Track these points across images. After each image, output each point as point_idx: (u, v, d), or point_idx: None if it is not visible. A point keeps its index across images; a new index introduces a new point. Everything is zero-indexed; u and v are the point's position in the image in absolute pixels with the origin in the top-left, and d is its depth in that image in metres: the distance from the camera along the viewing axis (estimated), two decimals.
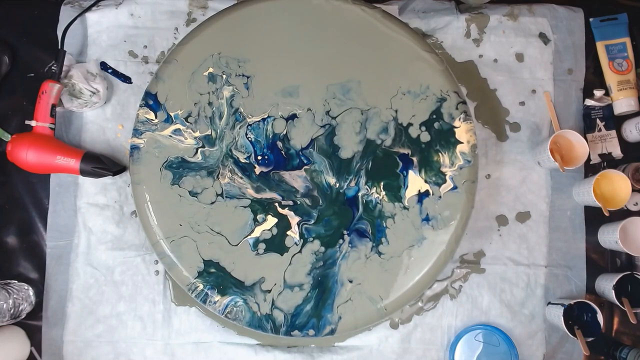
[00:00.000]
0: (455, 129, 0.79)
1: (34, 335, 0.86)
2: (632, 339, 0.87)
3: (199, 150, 0.78)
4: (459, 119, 0.79)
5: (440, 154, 0.78)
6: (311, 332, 0.76)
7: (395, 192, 0.78)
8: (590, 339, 0.80)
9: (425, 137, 0.79)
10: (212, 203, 0.77)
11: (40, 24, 0.90)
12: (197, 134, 0.78)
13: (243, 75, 0.79)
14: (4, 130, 0.85)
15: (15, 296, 0.82)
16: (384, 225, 0.77)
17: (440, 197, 0.77)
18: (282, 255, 0.77)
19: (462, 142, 0.78)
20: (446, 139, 0.78)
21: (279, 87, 0.79)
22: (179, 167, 0.78)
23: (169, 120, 0.78)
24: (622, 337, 0.87)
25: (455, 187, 0.78)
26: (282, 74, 0.79)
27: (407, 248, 0.77)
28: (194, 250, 0.77)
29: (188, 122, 0.78)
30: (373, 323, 0.78)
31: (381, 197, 0.78)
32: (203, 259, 0.76)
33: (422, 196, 0.78)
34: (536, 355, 0.86)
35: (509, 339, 0.84)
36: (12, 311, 0.81)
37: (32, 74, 0.89)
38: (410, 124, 0.79)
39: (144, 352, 0.85)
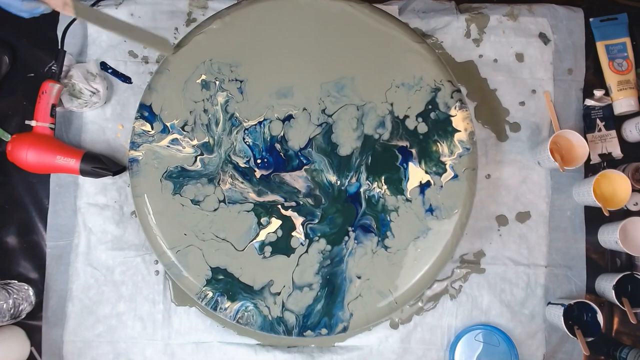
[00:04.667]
0: (452, 118, 0.78)
1: (34, 335, 0.86)
2: (632, 339, 0.87)
3: (198, 158, 0.78)
4: (455, 108, 0.79)
5: (438, 144, 0.78)
6: (324, 331, 0.76)
7: (396, 185, 0.78)
8: (590, 339, 0.80)
9: (423, 128, 0.79)
10: (215, 210, 0.77)
11: (40, 24, 0.89)
12: (195, 142, 0.78)
13: (236, 80, 0.79)
14: (4, 130, 0.85)
15: (15, 296, 0.82)
16: (388, 219, 0.77)
17: (441, 186, 0.78)
18: (288, 256, 0.77)
19: (459, 131, 0.78)
20: (443, 128, 0.78)
21: (272, 89, 0.79)
22: (179, 177, 0.78)
23: (165, 130, 0.78)
24: (622, 337, 0.87)
25: (456, 176, 0.78)
26: (274, 75, 0.79)
27: (413, 240, 0.77)
28: (201, 258, 0.76)
29: (185, 131, 0.78)
30: (384, 317, 0.78)
31: (383, 191, 0.78)
32: (210, 267, 0.76)
33: (423, 187, 0.78)
34: (536, 355, 0.86)
35: (509, 339, 0.84)
36: (12, 311, 0.81)
37: (32, 74, 0.89)
38: (406, 116, 0.79)
39: (144, 352, 0.85)
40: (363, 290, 0.76)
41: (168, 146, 0.78)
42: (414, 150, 0.78)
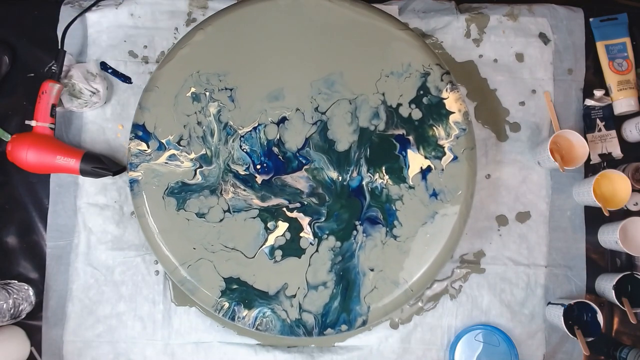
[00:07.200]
0: (445, 100, 0.79)
1: (34, 335, 0.86)
2: (632, 339, 0.87)
3: (197, 171, 0.78)
4: (446, 90, 0.79)
5: (434, 128, 0.78)
6: (344, 327, 0.76)
7: (398, 174, 0.78)
8: (590, 339, 0.80)
9: (417, 114, 0.79)
10: (221, 220, 0.77)
11: (40, 24, 0.90)
12: (193, 155, 0.78)
13: (226, 89, 0.79)
14: (4, 130, 0.85)
15: (15, 296, 0.82)
16: (394, 208, 0.77)
17: (442, 169, 0.78)
18: (300, 257, 0.77)
19: (453, 112, 0.78)
20: (437, 111, 0.79)
21: (263, 93, 0.79)
22: (181, 192, 0.77)
23: (161, 147, 0.78)
24: (622, 337, 0.87)
25: (455, 157, 0.78)
26: (263, 79, 0.79)
27: (421, 226, 0.77)
28: (213, 270, 0.76)
29: (181, 146, 0.78)
30: (402, 306, 0.78)
31: (385, 181, 0.78)
32: (223, 278, 0.76)
33: (425, 172, 0.78)
34: (536, 355, 0.86)
35: (509, 339, 0.84)
36: (12, 311, 0.81)
37: (32, 74, 0.89)
38: (399, 104, 0.79)
39: (144, 352, 0.85)
40: (377, 282, 0.76)
41: (166, 163, 0.78)
42: (411, 137, 0.78)
